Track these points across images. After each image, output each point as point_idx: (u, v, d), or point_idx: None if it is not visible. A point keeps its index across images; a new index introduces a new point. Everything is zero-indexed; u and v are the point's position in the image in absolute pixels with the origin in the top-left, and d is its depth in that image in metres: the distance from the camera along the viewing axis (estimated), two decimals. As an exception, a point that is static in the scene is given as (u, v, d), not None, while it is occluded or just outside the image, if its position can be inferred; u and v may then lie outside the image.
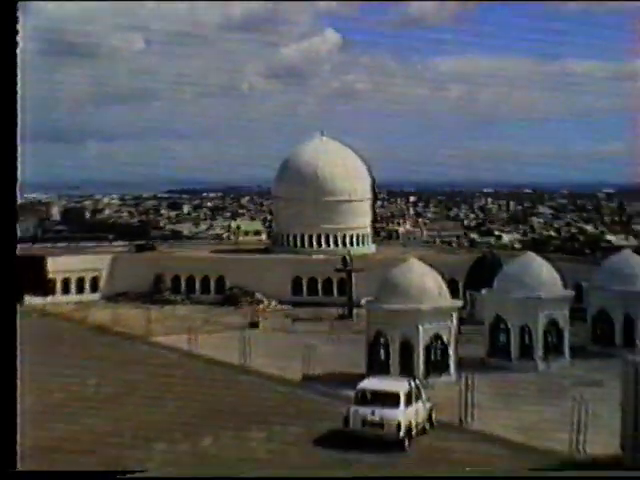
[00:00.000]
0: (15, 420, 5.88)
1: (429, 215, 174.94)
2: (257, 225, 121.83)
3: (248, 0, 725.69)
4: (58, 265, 56.40)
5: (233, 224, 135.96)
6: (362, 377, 33.13)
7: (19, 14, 6.74)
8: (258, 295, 57.25)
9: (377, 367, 37.70)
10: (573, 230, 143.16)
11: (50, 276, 54.67)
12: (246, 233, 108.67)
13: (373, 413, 29.05)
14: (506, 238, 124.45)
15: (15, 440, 5.83)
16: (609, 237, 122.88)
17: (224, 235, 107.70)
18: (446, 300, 40.96)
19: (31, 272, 53.06)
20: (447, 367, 39.01)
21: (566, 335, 42.56)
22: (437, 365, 38.75)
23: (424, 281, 40.22)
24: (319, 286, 58.67)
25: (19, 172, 11.66)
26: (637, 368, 28.47)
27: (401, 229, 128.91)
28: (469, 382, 34.09)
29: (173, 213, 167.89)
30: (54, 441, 28.59)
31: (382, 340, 39.14)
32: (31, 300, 52.37)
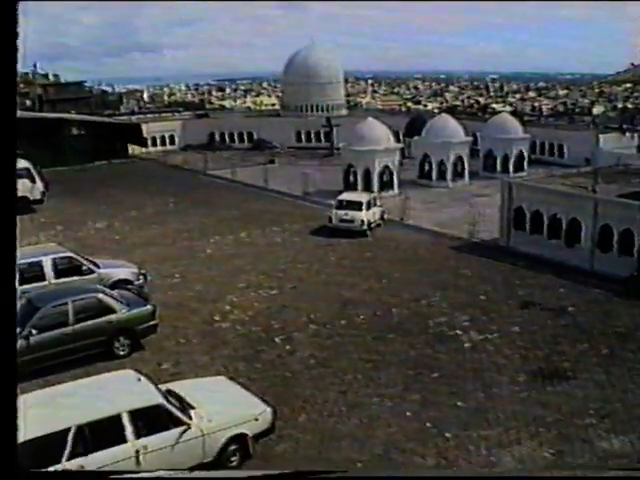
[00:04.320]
0: (15, 419, 4.73)
1: (381, 92, 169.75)
2: (273, 100, 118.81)
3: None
4: (149, 128, 54.69)
5: (257, 100, 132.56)
6: (340, 192, 32.77)
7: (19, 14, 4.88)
8: (274, 143, 56.09)
9: (349, 186, 37.25)
10: (471, 101, 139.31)
11: (144, 135, 53.22)
12: (266, 105, 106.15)
13: (347, 214, 28.94)
14: (430, 106, 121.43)
15: (15, 439, 4.61)
16: (493, 105, 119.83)
17: (252, 107, 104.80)
18: (392, 143, 40.00)
19: (132, 133, 51.95)
20: (392, 185, 38.50)
21: (466, 165, 41.81)
22: (386, 184, 38.19)
23: (378, 132, 39.12)
24: (312, 136, 57.33)
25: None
26: (510, 185, 28.24)
27: (363, 101, 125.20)
28: (406, 195, 34.00)
29: (220, 94, 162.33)
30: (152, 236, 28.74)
31: (352, 169, 38.47)
32: (133, 151, 51.83)
